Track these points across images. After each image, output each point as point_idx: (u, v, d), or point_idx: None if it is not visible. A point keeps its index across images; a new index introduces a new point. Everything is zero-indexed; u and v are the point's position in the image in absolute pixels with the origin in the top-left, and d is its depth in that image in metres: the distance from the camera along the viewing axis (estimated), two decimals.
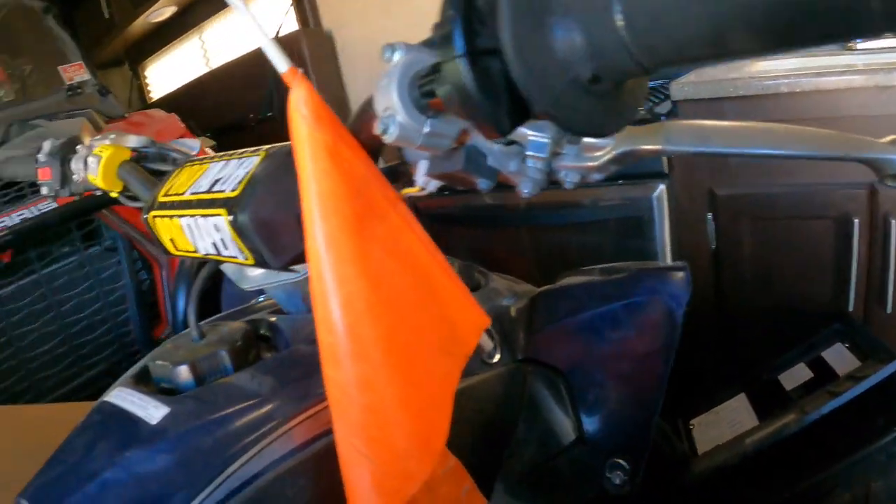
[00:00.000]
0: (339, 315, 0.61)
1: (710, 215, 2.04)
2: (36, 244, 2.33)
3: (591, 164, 0.66)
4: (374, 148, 0.64)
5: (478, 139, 0.64)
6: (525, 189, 0.65)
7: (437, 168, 0.66)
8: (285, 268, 0.73)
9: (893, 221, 1.78)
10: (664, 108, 2.04)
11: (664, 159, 2.01)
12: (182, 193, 0.80)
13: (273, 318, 0.89)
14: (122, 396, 0.78)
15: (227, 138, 3.33)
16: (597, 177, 0.67)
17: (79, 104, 3.05)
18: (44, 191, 1.14)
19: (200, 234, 0.76)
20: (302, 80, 0.59)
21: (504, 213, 2.26)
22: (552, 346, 1.03)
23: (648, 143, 0.66)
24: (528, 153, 0.63)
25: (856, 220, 1.84)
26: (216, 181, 0.76)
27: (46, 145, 1.15)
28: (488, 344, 0.94)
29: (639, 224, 2.07)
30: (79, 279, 2.40)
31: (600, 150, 0.66)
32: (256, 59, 4.19)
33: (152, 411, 0.73)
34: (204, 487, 0.67)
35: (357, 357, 0.62)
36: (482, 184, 0.66)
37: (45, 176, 1.14)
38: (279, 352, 0.84)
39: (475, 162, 0.64)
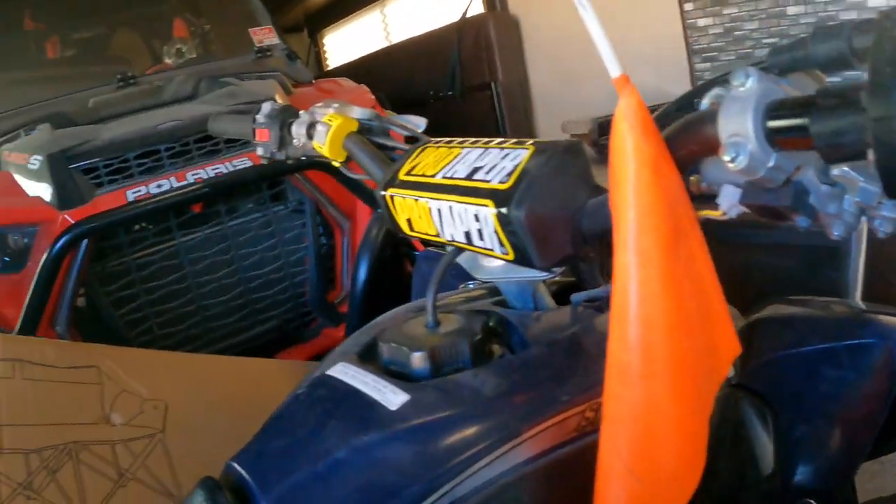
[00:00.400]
0: (636, 334, 0.60)
1: None
2: (226, 199, 2.39)
3: None
4: (685, 166, 0.63)
5: (805, 176, 0.62)
6: (836, 231, 0.63)
7: (757, 199, 0.63)
8: (547, 268, 0.72)
9: None
10: None
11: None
12: (432, 176, 0.79)
13: (501, 312, 0.86)
14: (351, 374, 0.78)
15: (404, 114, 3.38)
16: None
17: (266, 67, 3.12)
18: (259, 151, 1.16)
19: (452, 221, 0.76)
20: (633, 89, 0.58)
21: (704, 227, 2.18)
22: (767, 375, 0.99)
23: None
24: (855, 199, 0.61)
25: None
26: (476, 169, 0.75)
27: (266, 107, 1.17)
28: (731, 370, 0.91)
29: (832, 254, 1.96)
30: (263, 237, 2.45)
31: None
32: (440, 38, 4.22)
33: (390, 396, 0.72)
34: (441, 485, 0.66)
35: (647, 377, 0.61)
36: (801, 221, 0.64)
37: (263, 137, 1.15)
38: (511, 349, 0.82)
39: (800, 199, 0.62)
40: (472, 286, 1.03)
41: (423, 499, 0.65)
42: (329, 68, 6.01)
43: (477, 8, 4.13)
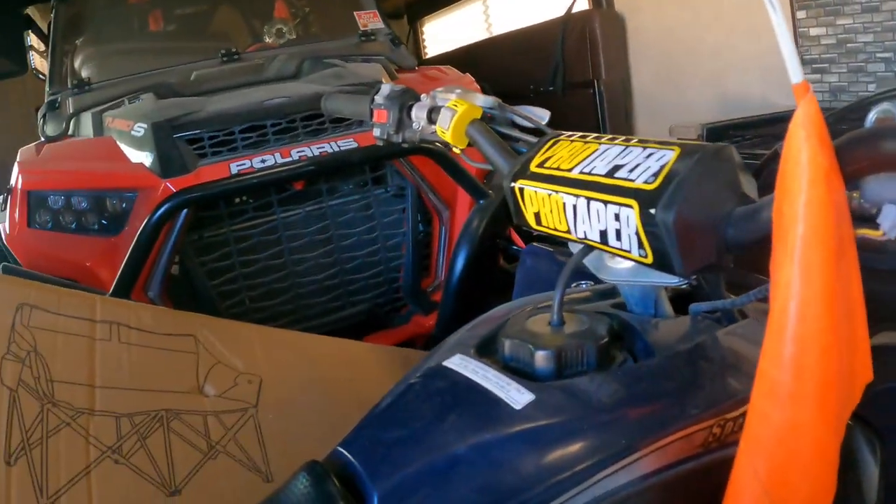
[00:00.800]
0: (791, 352, 0.58)
1: None
2: (328, 178, 2.39)
3: None
4: (850, 181, 0.60)
5: None
6: None
7: None
8: (687, 275, 0.69)
9: None
10: None
11: None
12: (568, 170, 0.76)
13: (623, 316, 0.84)
14: (471, 368, 0.76)
15: None
16: None
17: (370, 51, 3.14)
18: (376, 132, 1.15)
19: (588, 219, 0.73)
20: (812, 98, 0.55)
21: None
22: (879, 405, 0.95)
23: None
24: None
25: None
26: (617, 167, 0.72)
27: (385, 89, 1.16)
28: None
29: None
30: (362, 219, 2.45)
31: None
32: (543, 33, 4.21)
33: (515, 395, 0.70)
34: (564, 491, 0.64)
35: (797, 398, 0.60)
36: None
37: (381, 118, 1.14)
38: (633, 354, 0.80)
39: None
40: (583, 286, 1.01)
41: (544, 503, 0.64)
42: (427, 56, 6.03)
43: (582, 4, 4.09)
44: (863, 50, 3.14)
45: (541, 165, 0.80)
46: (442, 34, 5.87)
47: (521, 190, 0.81)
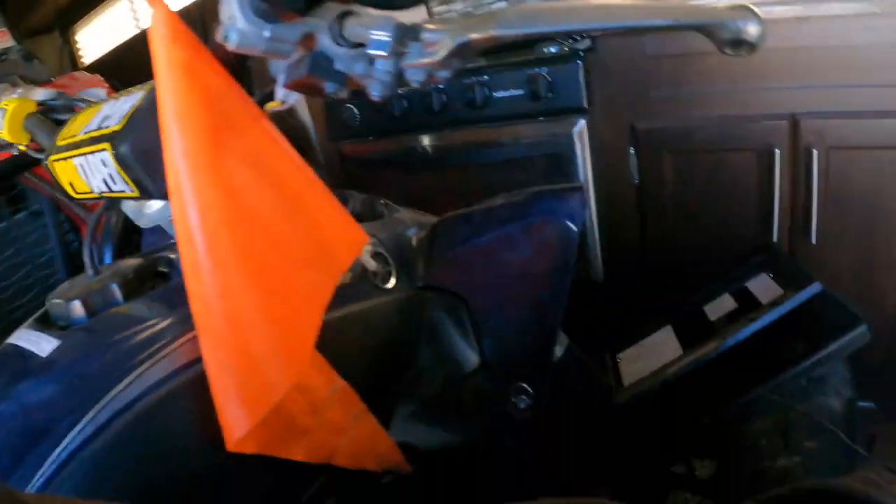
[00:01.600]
0: (196, 224, 0.63)
1: (631, 150, 2.04)
2: None
3: (432, 59, 0.65)
4: (235, 66, 0.65)
5: (324, 44, 0.65)
6: (375, 92, 0.66)
7: (289, 77, 0.66)
8: (163, 197, 0.73)
9: (815, 152, 1.78)
10: (583, 44, 2.00)
11: (584, 94, 2.00)
12: (76, 135, 0.80)
13: (172, 255, 0.88)
14: (24, 337, 0.78)
15: None
16: (443, 74, 0.67)
17: (3, 70, 2.99)
18: None
19: (92, 172, 0.77)
20: (162, 3, 0.61)
21: (430, 155, 2.24)
22: (452, 272, 1.04)
23: (481, 30, 0.64)
24: (371, 52, 0.63)
25: (777, 152, 1.83)
26: (105, 118, 0.76)
27: None
28: (371, 264, 0.93)
29: (560, 161, 2.04)
30: (4, 245, 2.35)
31: (437, 45, 0.65)
32: (183, 18, 4.14)
33: (44, 345, 0.74)
34: (87, 411, 0.67)
35: (215, 267, 0.64)
36: (329, 87, 0.67)
37: None
38: None
39: (322, 67, 0.66)
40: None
41: (71, 429, 0.67)
42: (85, 65, 5.79)
43: None
44: None
45: (63, 138, 0.83)
46: (97, 39, 5.65)
47: (54, 165, 0.84)
